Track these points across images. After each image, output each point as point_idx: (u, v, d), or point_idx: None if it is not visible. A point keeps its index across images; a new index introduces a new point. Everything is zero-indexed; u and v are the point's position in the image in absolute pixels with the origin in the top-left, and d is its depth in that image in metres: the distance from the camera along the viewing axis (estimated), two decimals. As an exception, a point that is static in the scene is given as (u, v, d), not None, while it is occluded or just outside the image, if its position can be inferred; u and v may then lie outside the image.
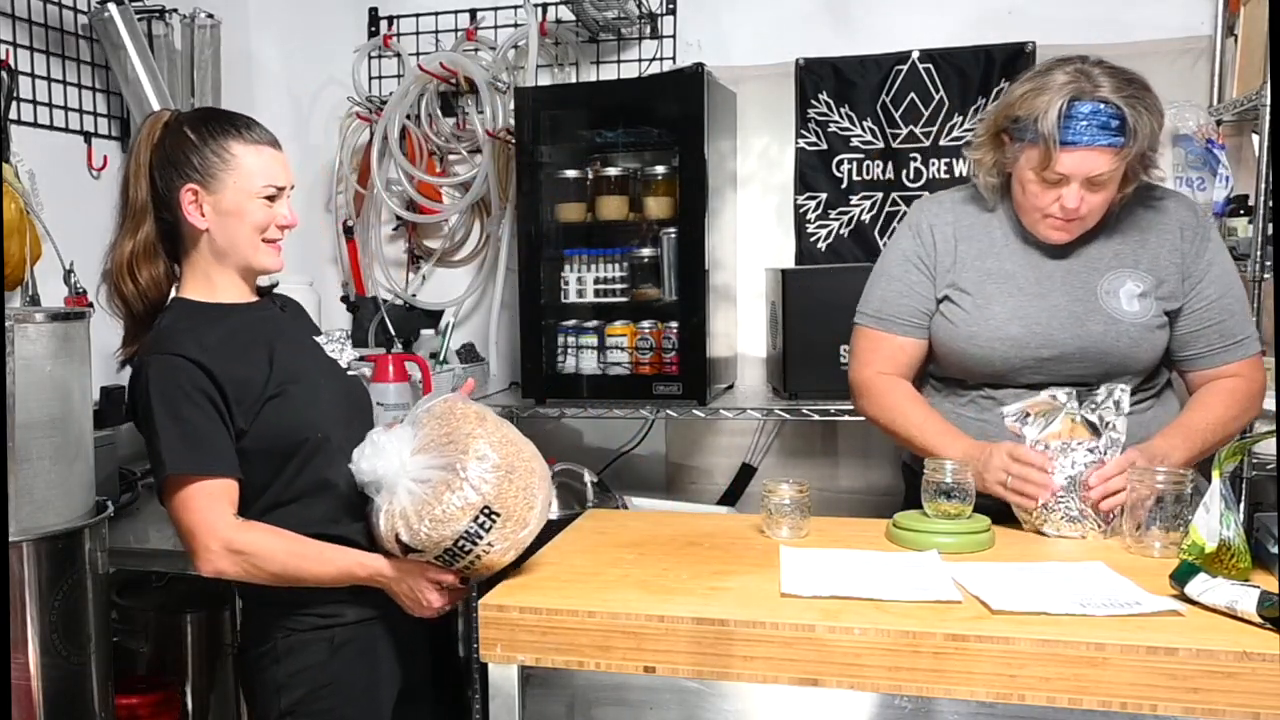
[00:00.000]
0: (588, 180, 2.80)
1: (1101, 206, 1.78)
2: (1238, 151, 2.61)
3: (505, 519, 1.50)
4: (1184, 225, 1.84)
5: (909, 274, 1.93)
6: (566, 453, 3.02)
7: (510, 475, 1.52)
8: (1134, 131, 1.69)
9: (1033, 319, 1.83)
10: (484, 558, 1.51)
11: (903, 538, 1.68)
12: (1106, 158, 1.70)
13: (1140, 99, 1.71)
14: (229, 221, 1.61)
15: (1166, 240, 1.84)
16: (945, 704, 1.35)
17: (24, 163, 2.38)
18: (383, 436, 1.57)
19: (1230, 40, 2.62)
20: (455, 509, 1.48)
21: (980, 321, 1.86)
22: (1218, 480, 1.49)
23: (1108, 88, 1.70)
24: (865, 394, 1.98)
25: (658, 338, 2.71)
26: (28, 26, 2.47)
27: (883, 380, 1.95)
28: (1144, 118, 1.70)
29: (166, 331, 1.60)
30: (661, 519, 2.01)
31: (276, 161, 1.66)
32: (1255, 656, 1.21)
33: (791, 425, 2.96)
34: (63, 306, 2.30)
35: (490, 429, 1.55)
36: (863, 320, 1.99)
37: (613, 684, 1.48)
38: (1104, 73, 1.72)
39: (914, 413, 1.90)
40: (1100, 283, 1.83)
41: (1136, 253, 1.84)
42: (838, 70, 2.89)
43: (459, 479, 1.49)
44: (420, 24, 3.18)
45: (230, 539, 1.54)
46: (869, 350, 1.98)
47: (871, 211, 2.91)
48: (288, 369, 1.62)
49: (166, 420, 1.53)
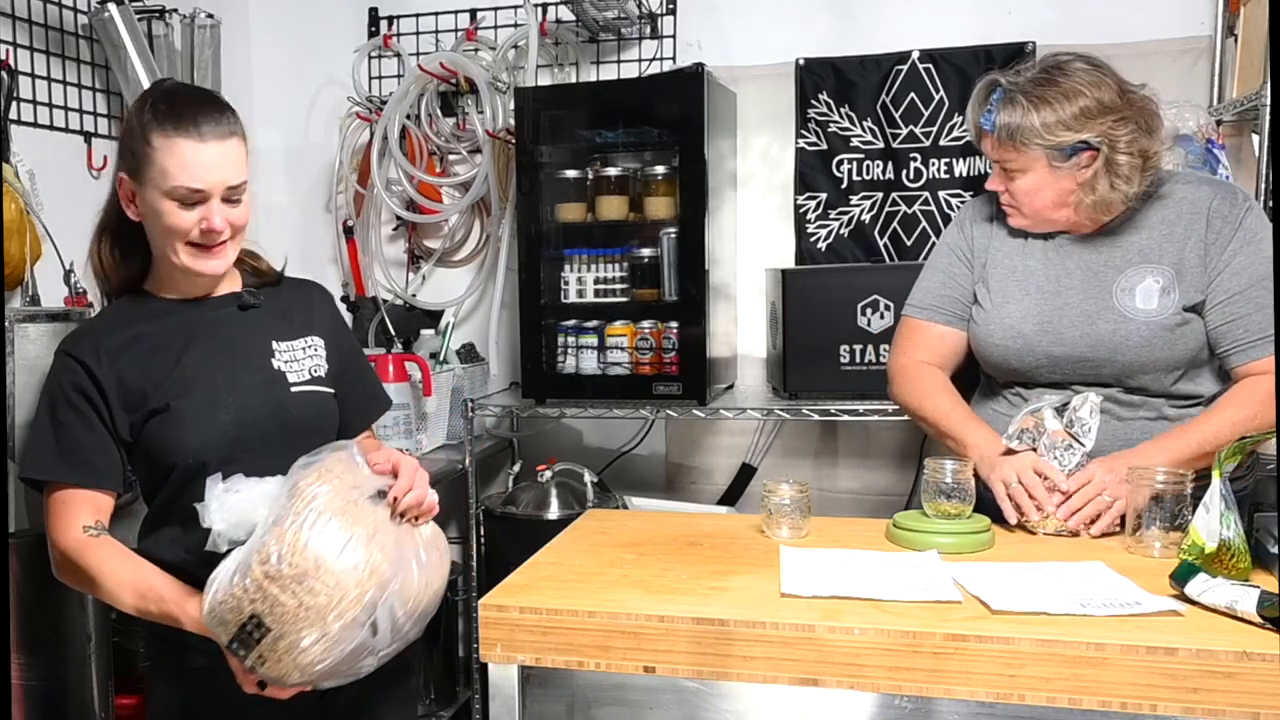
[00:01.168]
0: (588, 180, 2.80)
1: (1027, 200, 1.82)
2: (1238, 151, 2.61)
3: (277, 637, 1.29)
4: (1214, 212, 1.79)
5: (952, 265, 1.97)
6: (566, 453, 3.03)
7: (294, 588, 1.29)
8: (996, 124, 1.78)
9: (1045, 318, 1.84)
10: (261, 669, 1.33)
11: (903, 538, 1.68)
12: (988, 143, 1.83)
13: (1031, 98, 1.75)
14: (148, 219, 1.50)
15: (1194, 230, 1.79)
16: (945, 704, 1.35)
17: (24, 163, 2.38)
18: (243, 487, 1.39)
19: (1230, 40, 2.62)
20: (228, 608, 1.31)
21: (996, 320, 1.88)
22: (1218, 480, 1.49)
23: (1020, 81, 1.78)
24: (897, 379, 2.00)
25: (658, 338, 2.71)
26: (28, 26, 2.47)
27: (917, 367, 1.97)
28: (1018, 114, 1.75)
29: (78, 329, 1.58)
30: (661, 519, 2.01)
31: (202, 160, 1.45)
32: (1255, 656, 1.21)
33: (791, 425, 2.96)
34: (63, 306, 2.30)
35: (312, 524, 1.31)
36: (907, 311, 2.03)
37: (613, 684, 1.48)
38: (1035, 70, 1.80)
39: (942, 400, 1.91)
40: (1118, 280, 1.81)
41: (1161, 246, 1.81)
42: (838, 70, 2.89)
43: (241, 576, 1.31)
44: (420, 24, 3.18)
45: (67, 552, 1.45)
46: (907, 339, 2.01)
47: (871, 211, 2.91)
48: (185, 382, 1.50)
49: (44, 419, 1.49)
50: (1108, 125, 1.74)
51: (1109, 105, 1.74)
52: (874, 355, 2.57)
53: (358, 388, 1.70)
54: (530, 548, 1.70)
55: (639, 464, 3.11)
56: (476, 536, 2.83)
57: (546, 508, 2.75)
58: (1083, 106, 1.74)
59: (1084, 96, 1.74)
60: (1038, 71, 1.79)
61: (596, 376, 2.75)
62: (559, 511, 2.72)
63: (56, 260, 2.31)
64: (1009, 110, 1.77)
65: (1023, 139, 1.76)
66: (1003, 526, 1.73)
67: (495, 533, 2.81)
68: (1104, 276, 1.83)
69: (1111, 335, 1.79)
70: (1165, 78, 2.48)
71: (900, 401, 2.00)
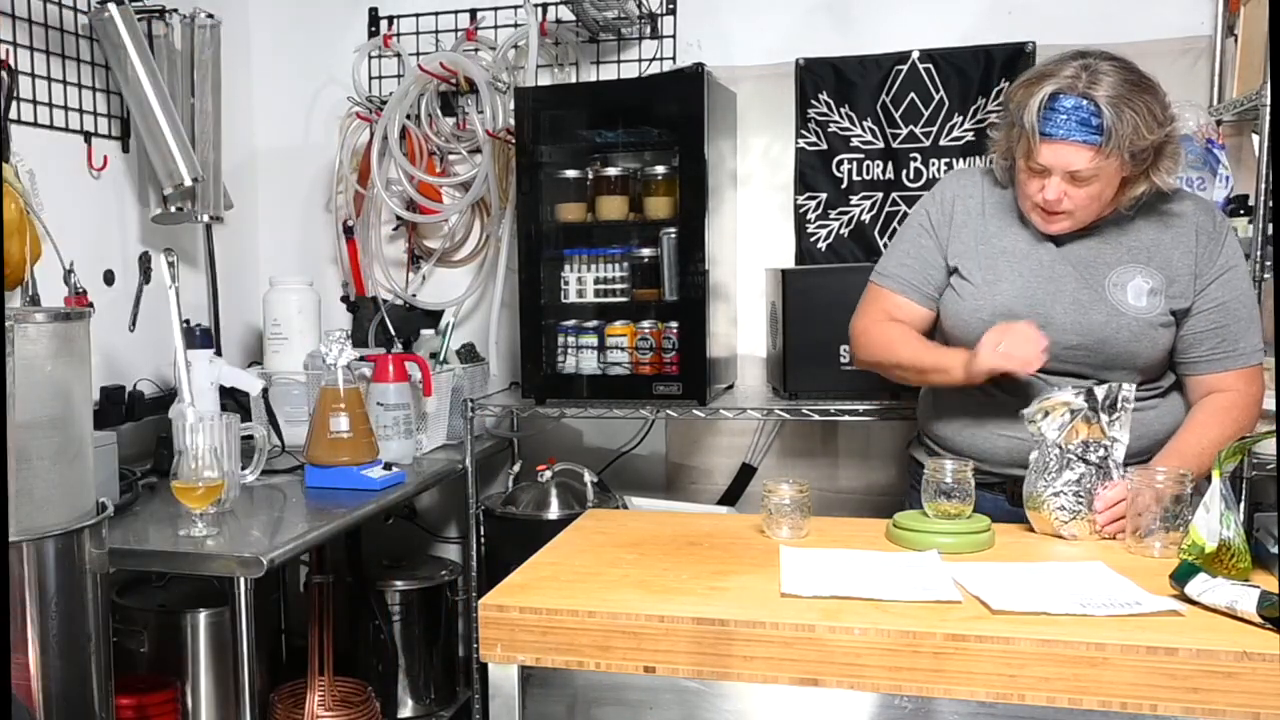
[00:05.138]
0: (588, 180, 2.80)
1: (1088, 203, 1.80)
2: (1238, 151, 2.60)
3: None
4: (1200, 228, 1.85)
5: (919, 238, 1.98)
6: (566, 453, 3.03)
7: None
8: (1111, 132, 1.70)
9: (1037, 300, 1.85)
10: None
11: (903, 538, 1.68)
12: (1084, 154, 1.73)
13: (1130, 101, 1.71)
14: None
15: (1182, 241, 1.85)
16: (945, 704, 1.35)
17: (24, 163, 2.38)
18: None
19: (1230, 40, 2.61)
20: None
21: (986, 297, 1.89)
22: (1218, 480, 1.49)
23: (1103, 86, 1.72)
24: (861, 339, 2.03)
25: (658, 338, 2.71)
26: (28, 26, 2.47)
27: (876, 324, 2.00)
28: (1127, 120, 1.71)
29: None
30: (661, 519, 2.01)
31: None
32: (1255, 656, 1.21)
33: (791, 425, 2.96)
34: (63, 306, 2.30)
35: None
36: (876, 278, 2.05)
37: (613, 684, 1.48)
38: (1110, 69, 1.73)
39: (911, 342, 1.94)
40: (1109, 275, 1.85)
41: (1149, 251, 1.85)
42: (838, 70, 2.89)
43: None
44: (420, 24, 3.18)
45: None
46: (869, 304, 2.06)
47: (871, 211, 2.91)
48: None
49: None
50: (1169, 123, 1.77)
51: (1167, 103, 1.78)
52: (874, 355, 2.57)
53: None
54: (530, 548, 1.70)
55: (639, 464, 3.11)
56: (476, 536, 2.83)
57: (546, 508, 2.75)
58: (1162, 104, 1.76)
59: (1160, 92, 1.76)
60: (1115, 73, 1.73)
61: (596, 376, 2.75)
62: (559, 511, 2.72)
63: (56, 260, 2.31)
64: (1122, 118, 1.70)
65: (1134, 147, 1.72)
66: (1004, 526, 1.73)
67: (495, 533, 2.81)
68: (1096, 270, 1.86)
69: (1104, 326, 1.82)
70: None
71: (867, 359, 2.03)
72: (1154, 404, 1.88)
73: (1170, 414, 1.88)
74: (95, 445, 1.96)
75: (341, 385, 2.38)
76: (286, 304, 2.84)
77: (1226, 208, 2.47)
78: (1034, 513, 1.74)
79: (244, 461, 2.35)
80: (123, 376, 2.67)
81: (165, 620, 2.49)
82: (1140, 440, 1.80)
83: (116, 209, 2.74)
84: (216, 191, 2.88)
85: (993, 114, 2.78)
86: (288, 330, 2.83)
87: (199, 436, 2.02)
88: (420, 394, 2.71)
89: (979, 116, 2.81)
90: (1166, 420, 1.86)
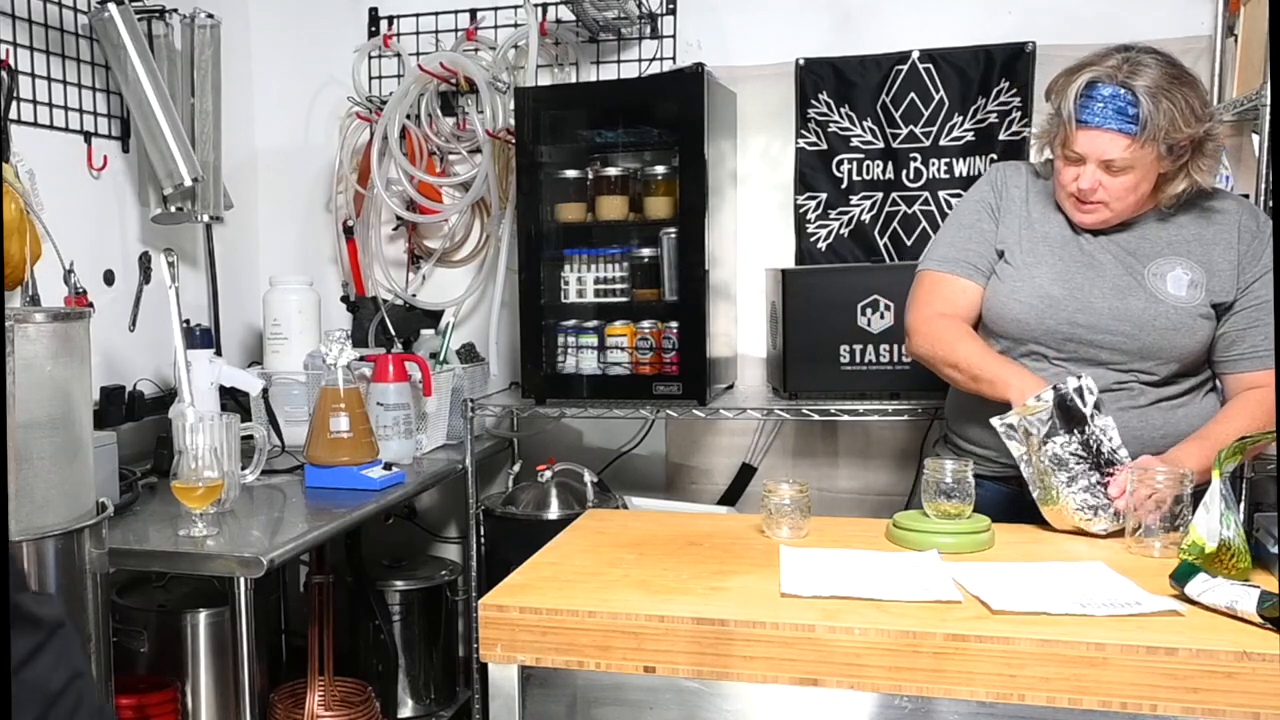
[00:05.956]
0: (588, 180, 2.79)
1: (1124, 195, 1.80)
2: (1238, 151, 2.60)
3: None
4: (1243, 227, 1.87)
5: (981, 220, 1.97)
6: (566, 453, 3.03)
7: None
8: (1147, 122, 1.71)
9: (1075, 284, 1.86)
10: None
11: (903, 538, 1.68)
12: (1119, 143, 1.74)
13: (1170, 93, 1.72)
14: None
15: (1224, 238, 1.86)
16: (945, 704, 1.35)
17: (24, 163, 2.38)
18: None
19: (1230, 40, 2.61)
20: None
21: (1026, 278, 1.89)
22: (1218, 480, 1.49)
23: (1142, 77, 1.73)
24: (919, 332, 1.96)
25: (658, 338, 2.71)
26: (28, 26, 2.47)
27: (938, 318, 1.94)
28: (1164, 111, 1.72)
29: None
30: (661, 519, 2.01)
31: None
32: (1255, 656, 1.21)
33: (791, 425, 2.96)
34: (63, 306, 2.29)
35: None
36: (929, 265, 2.00)
37: (613, 684, 1.48)
38: (1152, 62, 1.75)
39: (969, 345, 1.89)
40: (1149, 265, 1.86)
41: (1190, 244, 1.86)
42: (838, 70, 2.89)
43: None
44: (420, 24, 3.18)
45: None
46: (930, 292, 1.98)
47: (871, 211, 2.91)
48: None
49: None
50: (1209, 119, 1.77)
51: (1207, 99, 1.80)
52: (874, 355, 2.57)
53: None
54: (530, 548, 1.70)
55: (639, 464, 3.11)
56: (476, 536, 2.83)
57: (546, 508, 2.75)
58: (1202, 100, 1.76)
59: (1201, 88, 1.77)
60: (1157, 65, 1.75)
61: (596, 376, 2.75)
62: (559, 511, 2.72)
63: (56, 260, 2.31)
64: (1159, 109, 1.72)
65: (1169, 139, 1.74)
66: (1004, 526, 1.73)
67: (495, 533, 2.81)
68: (1136, 260, 1.87)
69: (1142, 313, 1.82)
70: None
71: (922, 353, 1.96)
72: (1184, 401, 1.87)
73: (1199, 414, 1.86)
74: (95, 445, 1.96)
75: (341, 385, 2.39)
76: (286, 304, 2.85)
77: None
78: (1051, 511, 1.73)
79: (244, 461, 2.35)
80: (123, 376, 2.67)
81: (165, 620, 2.49)
82: (1166, 439, 1.81)
83: (116, 209, 2.74)
84: (216, 191, 2.88)
85: (993, 114, 2.79)
86: (288, 330, 2.83)
87: (199, 436, 2.02)
88: (420, 394, 2.71)
89: (979, 116, 2.81)
90: (1194, 421, 1.85)
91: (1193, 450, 1.76)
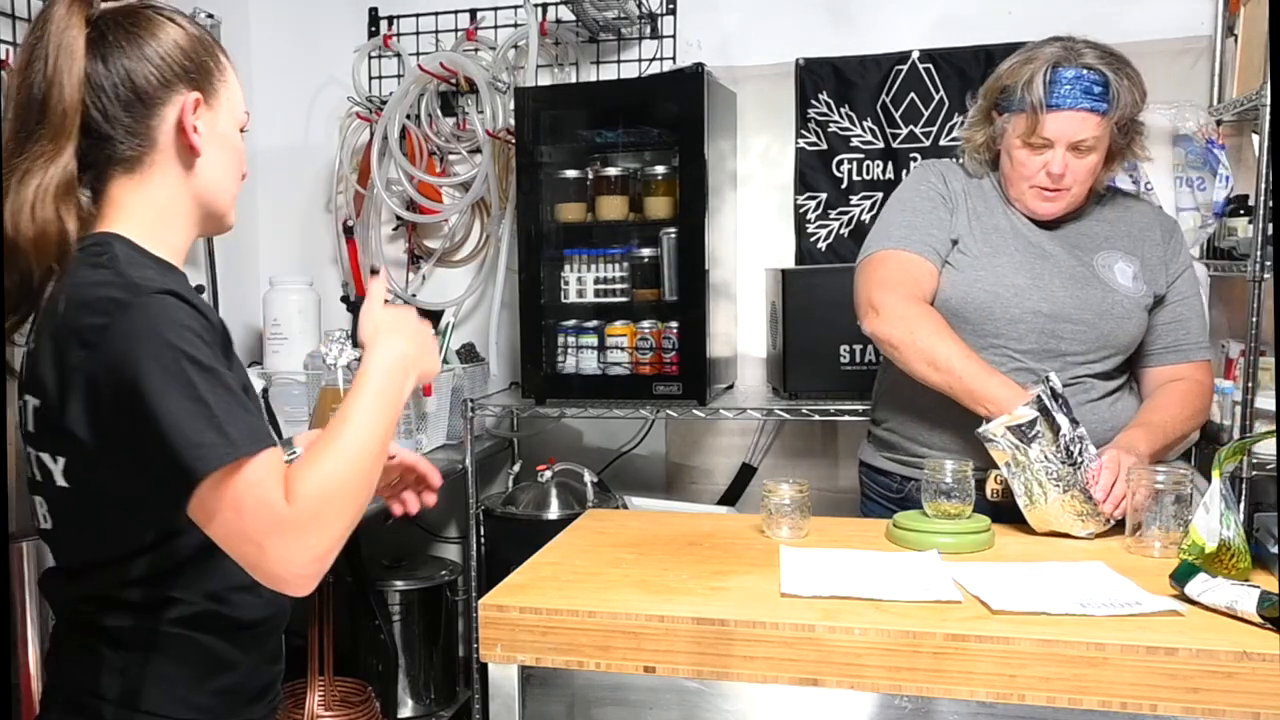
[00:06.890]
0: (588, 180, 2.80)
1: (1087, 178, 1.84)
2: (1238, 151, 2.60)
3: None
4: (1163, 225, 1.95)
5: (936, 209, 1.92)
6: (566, 453, 3.03)
7: None
8: (1116, 97, 1.77)
9: (1036, 272, 1.87)
10: None
11: (903, 538, 1.68)
12: (1091, 122, 1.78)
13: (1122, 68, 1.79)
14: (225, 151, 1.22)
15: (1149, 235, 1.92)
16: (945, 704, 1.35)
17: (24, 163, 2.38)
18: None
19: (1230, 40, 2.61)
20: None
21: (988, 268, 1.88)
22: (1218, 480, 1.49)
23: (1091, 56, 1.79)
24: (892, 313, 1.83)
25: (658, 338, 2.71)
26: (28, 27, 2.47)
27: (916, 304, 1.83)
28: (1125, 85, 1.78)
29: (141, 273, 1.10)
30: (661, 519, 2.01)
31: None
32: (1255, 656, 1.21)
33: (791, 425, 2.96)
34: (63, 306, 2.29)
35: None
36: (887, 245, 1.89)
37: (613, 684, 1.48)
38: (1088, 46, 1.82)
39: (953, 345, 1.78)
40: (1096, 257, 1.89)
41: (1123, 239, 1.91)
42: (838, 70, 2.89)
43: None
44: (420, 24, 3.18)
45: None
46: (898, 271, 1.86)
47: (871, 211, 2.91)
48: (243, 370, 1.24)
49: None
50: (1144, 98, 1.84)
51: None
52: (874, 355, 2.56)
53: None
54: (530, 548, 1.70)
55: (639, 464, 3.11)
56: (476, 536, 2.83)
57: (546, 508, 2.75)
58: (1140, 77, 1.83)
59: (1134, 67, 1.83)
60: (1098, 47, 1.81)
61: (596, 376, 2.75)
62: (559, 511, 2.73)
63: (56, 260, 2.31)
64: (1122, 86, 1.77)
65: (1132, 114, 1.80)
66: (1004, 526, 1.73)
67: (495, 533, 2.81)
68: (1083, 251, 1.90)
69: (1100, 302, 1.85)
70: (1165, 78, 2.48)
71: (891, 338, 1.82)
72: (1119, 395, 1.90)
73: (1130, 409, 1.89)
74: (95, 445, 1.96)
75: (341, 385, 2.38)
76: (286, 304, 2.85)
77: (1226, 208, 2.47)
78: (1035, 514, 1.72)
79: (244, 461, 2.35)
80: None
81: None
82: (1110, 433, 1.81)
83: (116, 209, 2.74)
84: (216, 191, 2.88)
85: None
86: (288, 330, 2.84)
87: (199, 436, 2.01)
88: (420, 394, 2.71)
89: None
90: (1128, 414, 1.87)
91: (1141, 435, 1.77)
